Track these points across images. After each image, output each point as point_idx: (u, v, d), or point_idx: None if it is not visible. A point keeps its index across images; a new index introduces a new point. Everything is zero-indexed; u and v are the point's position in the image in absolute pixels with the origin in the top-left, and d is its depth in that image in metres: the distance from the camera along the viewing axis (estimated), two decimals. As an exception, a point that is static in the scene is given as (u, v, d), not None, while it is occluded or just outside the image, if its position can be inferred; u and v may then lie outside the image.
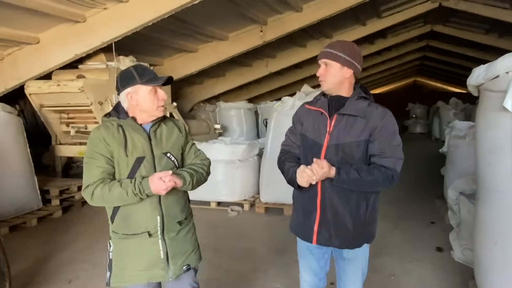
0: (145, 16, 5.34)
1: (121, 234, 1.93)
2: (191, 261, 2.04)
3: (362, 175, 1.85)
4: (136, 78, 1.85)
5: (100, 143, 1.84)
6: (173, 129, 2.02)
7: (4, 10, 4.67)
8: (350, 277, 2.10)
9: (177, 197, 2.00)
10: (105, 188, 1.79)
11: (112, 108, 1.98)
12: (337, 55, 1.91)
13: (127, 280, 1.95)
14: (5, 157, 4.97)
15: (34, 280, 3.53)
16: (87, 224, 5.21)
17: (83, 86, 5.85)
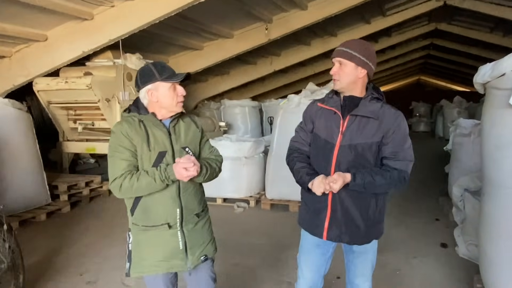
0: (152, 14, 5.38)
1: (141, 226, 1.98)
2: (208, 252, 2.10)
3: (376, 178, 1.89)
4: (156, 76, 1.90)
5: (123, 137, 1.89)
6: (190, 125, 2.08)
7: (13, 7, 4.73)
8: (359, 270, 2.15)
9: (195, 191, 2.06)
10: (133, 178, 1.85)
11: (132, 104, 2.03)
12: (352, 55, 1.91)
13: (147, 270, 2.01)
14: (15, 153, 5.04)
15: (46, 272, 3.60)
16: (95, 219, 5.28)
17: (91, 83, 5.92)
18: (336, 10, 7.51)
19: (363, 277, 2.16)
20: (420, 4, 9.39)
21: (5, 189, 4.72)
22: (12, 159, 4.99)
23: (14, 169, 4.97)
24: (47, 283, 3.41)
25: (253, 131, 10.27)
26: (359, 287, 2.18)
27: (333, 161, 1.95)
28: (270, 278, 3.48)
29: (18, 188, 4.97)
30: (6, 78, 6.03)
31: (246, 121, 10.32)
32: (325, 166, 1.97)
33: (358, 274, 2.16)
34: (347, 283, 2.25)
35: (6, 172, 4.86)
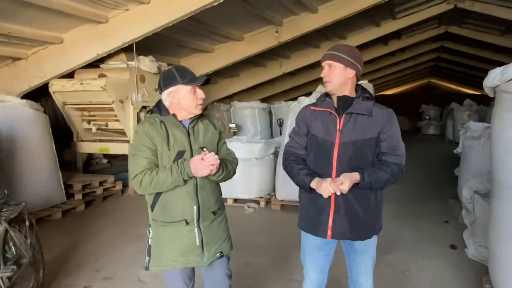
0: (166, 18, 5.50)
1: (160, 221, 2.08)
2: (223, 249, 2.18)
3: (381, 175, 1.99)
4: (177, 79, 2.01)
5: (145, 137, 2.00)
6: (209, 126, 2.18)
7: (30, 11, 4.87)
8: (361, 268, 2.22)
9: (212, 189, 2.14)
10: (152, 174, 1.95)
11: (154, 106, 2.14)
12: (341, 57, 2.01)
13: (164, 264, 2.11)
14: (32, 152, 5.18)
15: (64, 268, 3.72)
16: (108, 218, 5.40)
17: (105, 84, 6.05)
18: (346, 13, 7.56)
19: (366, 275, 2.23)
20: (430, 7, 9.40)
21: (23, 187, 4.85)
22: (30, 158, 5.13)
23: (31, 168, 5.11)
24: (65, 279, 3.52)
25: (263, 132, 10.34)
26: (363, 285, 2.24)
27: (334, 159, 2.03)
28: (280, 276, 3.56)
29: (35, 186, 5.10)
30: (22, 80, 6.19)
31: (255, 123, 10.40)
32: (327, 165, 2.05)
33: (361, 273, 2.22)
34: (350, 283, 2.31)
35: (24, 170, 5.00)
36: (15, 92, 6.01)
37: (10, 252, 2.86)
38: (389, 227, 4.83)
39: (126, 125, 6.58)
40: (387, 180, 2.02)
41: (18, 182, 4.84)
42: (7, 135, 4.90)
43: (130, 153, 2.06)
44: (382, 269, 3.64)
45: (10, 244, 2.86)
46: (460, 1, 8.83)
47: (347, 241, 2.18)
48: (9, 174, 4.81)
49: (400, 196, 6.28)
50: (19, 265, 2.86)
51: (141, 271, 3.64)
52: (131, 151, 2.06)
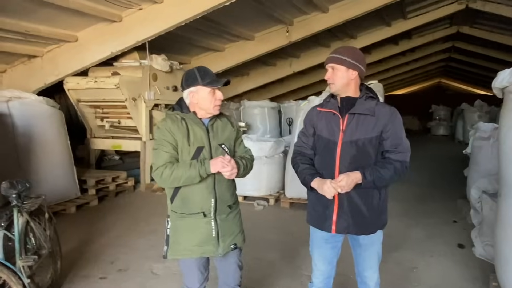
0: (178, 17, 5.60)
1: (179, 213, 2.18)
2: (237, 241, 2.29)
3: (383, 172, 2.07)
4: (198, 80, 2.11)
5: (167, 133, 2.11)
6: (227, 124, 2.28)
7: (46, 10, 4.99)
8: (367, 262, 2.30)
9: (228, 184, 2.25)
10: (172, 167, 2.06)
11: (176, 103, 2.25)
12: (343, 59, 2.10)
13: (181, 253, 2.21)
14: (48, 148, 5.32)
15: (79, 260, 3.84)
16: (121, 213, 5.53)
17: (119, 82, 6.17)
18: (357, 13, 7.58)
19: (371, 269, 2.30)
20: (441, 7, 9.37)
21: (40, 182, 4.97)
22: (46, 154, 5.27)
23: (47, 163, 5.26)
24: (81, 270, 3.64)
25: (272, 131, 10.41)
26: (368, 278, 2.32)
27: (337, 157, 2.11)
28: (289, 271, 3.64)
29: (51, 181, 5.24)
30: (38, 77, 6.32)
31: (265, 122, 10.47)
32: (330, 163, 2.14)
33: (366, 267, 2.31)
34: (357, 276, 2.39)
35: (40, 166, 5.15)
36: (31, 89, 6.15)
37: (30, 243, 2.98)
38: (398, 226, 4.90)
39: (138, 123, 6.71)
40: (390, 178, 2.09)
41: (35, 177, 4.97)
42: (24, 131, 5.04)
43: (153, 147, 2.17)
44: (390, 266, 3.71)
45: (30, 235, 2.99)
46: (471, 1, 8.80)
47: (352, 235, 2.26)
48: (26, 169, 4.96)
49: (410, 196, 6.31)
50: (39, 255, 2.97)
51: (154, 263, 3.75)
52: (153, 146, 2.17)
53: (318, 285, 2.37)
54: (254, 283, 3.44)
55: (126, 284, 3.41)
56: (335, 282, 2.45)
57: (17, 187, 2.81)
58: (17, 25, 5.19)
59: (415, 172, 8.14)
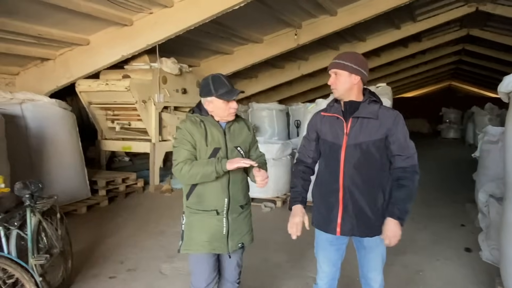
0: (188, 21, 5.68)
1: (194, 209, 2.28)
2: (245, 240, 2.38)
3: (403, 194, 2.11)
4: (212, 91, 2.20)
5: (187, 133, 2.21)
6: (243, 128, 2.37)
7: (59, 14, 5.12)
8: (371, 264, 2.32)
9: (242, 185, 2.35)
10: (191, 164, 2.15)
11: (196, 106, 2.35)
12: (345, 65, 2.13)
13: (194, 248, 2.29)
14: (60, 149, 5.43)
15: (89, 259, 3.92)
16: (131, 214, 5.61)
17: (129, 85, 6.27)
18: (365, 16, 7.60)
19: (376, 271, 2.33)
20: (451, 10, 9.33)
21: (51, 182, 5.08)
22: (58, 156, 5.38)
23: (59, 164, 5.37)
24: (91, 269, 3.71)
25: (280, 134, 10.43)
26: (373, 280, 2.35)
27: (342, 160, 2.15)
28: (296, 273, 3.68)
29: (63, 182, 5.34)
30: (50, 79, 6.47)
31: (273, 124, 10.50)
32: (335, 166, 2.18)
33: (371, 269, 2.33)
34: (361, 277, 2.42)
35: (52, 167, 5.26)
36: (43, 91, 6.28)
37: (42, 242, 3.06)
38: (405, 229, 4.81)
39: (148, 125, 6.80)
40: (410, 192, 2.13)
41: (47, 177, 5.07)
42: (37, 133, 5.16)
43: (173, 145, 2.28)
44: (396, 269, 3.73)
45: (42, 234, 3.07)
46: (482, 4, 8.75)
47: (356, 238, 2.29)
48: (38, 170, 5.07)
49: (418, 199, 6.22)
50: (51, 254, 3.05)
51: (162, 264, 3.81)
52: (174, 144, 2.28)
53: (322, 287, 2.40)
54: (261, 283, 3.49)
55: (134, 283, 3.47)
56: (340, 284, 2.48)
57: (30, 188, 2.90)
58: (31, 28, 5.33)
59: (424, 176, 8.05)
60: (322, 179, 2.29)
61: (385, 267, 3.52)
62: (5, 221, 2.77)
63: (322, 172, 2.29)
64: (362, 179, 2.15)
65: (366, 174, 2.14)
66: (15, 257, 2.70)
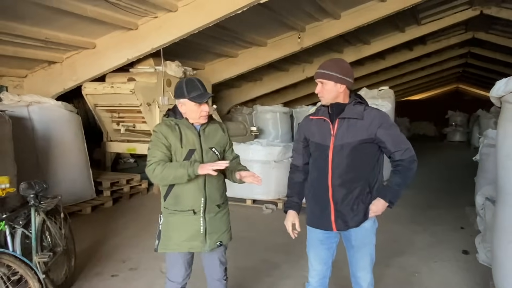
0: (192, 25, 5.77)
1: (171, 210, 2.37)
2: (223, 239, 2.45)
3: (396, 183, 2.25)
4: (185, 94, 2.29)
5: (161, 136, 2.31)
6: (218, 130, 2.47)
7: (66, 18, 5.24)
8: (360, 264, 2.40)
9: (218, 185, 2.43)
10: (164, 165, 2.24)
11: (171, 110, 2.44)
12: (330, 75, 2.21)
13: (171, 248, 2.38)
14: (66, 151, 5.56)
15: (93, 259, 4.02)
16: (134, 214, 5.71)
17: (134, 88, 6.38)
18: (369, 20, 7.64)
19: (364, 270, 2.40)
20: (456, 13, 9.32)
21: (57, 183, 5.21)
22: (64, 157, 5.51)
23: (65, 165, 5.49)
24: (94, 268, 3.81)
25: (284, 136, 10.49)
26: (361, 279, 2.42)
27: (330, 160, 2.24)
28: (294, 273, 3.73)
29: (68, 183, 5.47)
30: (57, 82, 6.60)
31: (277, 127, 10.57)
32: (324, 166, 2.27)
33: (359, 268, 2.41)
34: (351, 276, 2.49)
35: (58, 168, 5.38)
36: (50, 94, 6.42)
37: (46, 241, 3.17)
38: (404, 232, 4.94)
39: (153, 127, 6.88)
40: (404, 180, 2.26)
41: (53, 178, 5.20)
42: (44, 135, 5.28)
43: (148, 147, 2.37)
44: (393, 270, 3.77)
45: (46, 233, 3.17)
46: (486, 7, 8.75)
47: (346, 237, 2.38)
48: (44, 171, 5.20)
49: (419, 202, 6.32)
50: (54, 252, 3.16)
51: (163, 263, 3.86)
52: (149, 146, 2.37)
53: (314, 285, 2.48)
54: (260, 284, 3.55)
55: (136, 282, 3.56)
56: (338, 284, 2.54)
57: (34, 188, 3.00)
58: (38, 32, 5.46)
59: (427, 178, 8.13)
60: (313, 180, 2.38)
61: (382, 269, 3.59)
62: (10, 220, 2.87)
63: (313, 173, 2.38)
64: (349, 177, 2.23)
65: (353, 172, 2.23)
66: (20, 254, 2.80)
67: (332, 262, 2.48)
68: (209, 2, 5.51)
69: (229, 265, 2.65)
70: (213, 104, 8.47)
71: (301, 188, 2.46)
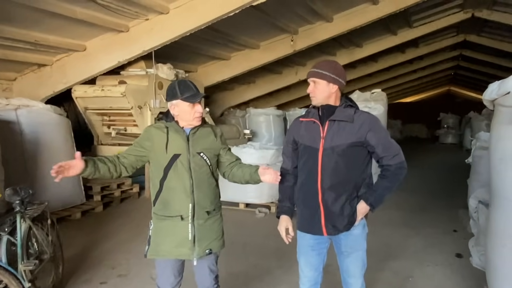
0: (184, 27, 5.72)
1: (160, 215, 2.32)
2: (213, 247, 2.38)
3: (381, 187, 2.23)
4: (178, 94, 2.25)
5: (146, 138, 2.32)
6: (210, 135, 2.41)
7: (56, 20, 5.16)
8: (351, 270, 2.36)
9: (208, 191, 2.36)
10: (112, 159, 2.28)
11: (163, 113, 2.41)
12: (323, 74, 2.19)
13: (160, 254, 2.33)
14: (55, 155, 5.45)
15: (82, 265, 3.94)
16: (125, 219, 5.63)
17: (125, 91, 6.31)
18: (361, 23, 7.65)
19: (355, 276, 2.36)
20: (447, 16, 9.38)
21: (46, 188, 5.12)
22: (53, 161, 5.30)
23: (54, 170, 5.37)
24: (82, 275, 3.73)
25: (277, 139, 10.46)
26: (353, 285, 2.38)
27: (319, 163, 2.20)
28: (286, 278, 3.68)
29: (57, 188, 5.35)
30: (47, 85, 6.50)
31: (270, 129, 10.54)
32: (313, 169, 2.23)
33: (350, 274, 2.37)
34: (343, 282, 2.45)
35: (47, 172, 5.19)
36: (40, 97, 6.32)
37: (32, 248, 3.09)
38: (397, 235, 4.92)
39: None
40: (391, 185, 2.24)
41: (41, 183, 5.11)
42: (32, 139, 5.19)
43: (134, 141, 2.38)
44: (386, 275, 3.74)
45: (33, 240, 3.09)
46: (477, 10, 8.80)
47: (337, 243, 2.35)
48: (32, 175, 5.10)
49: (412, 205, 6.31)
50: (41, 260, 3.08)
51: (153, 269, 3.77)
52: (134, 140, 2.38)
53: (305, 292, 2.42)
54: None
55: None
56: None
57: (20, 194, 2.93)
58: (28, 35, 5.37)
59: (420, 181, 8.14)
60: (302, 183, 2.34)
61: (375, 273, 3.56)
62: (-5, 227, 2.80)
63: (301, 176, 2.34)
64: (339, 180, 2.20)
65: (342, 176, 2.20)
66: (5, 263, 2.72)
67: (323, 268, 2.44)
68: (201, 4, 5.46)
69: (220, 270, 2.59)
70: (206, 106, 8.40)
71: (292, 192, 2.42)
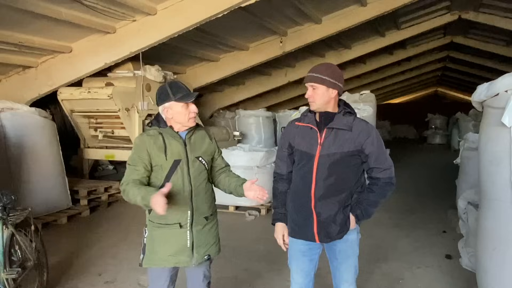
0: (171, 28, 5.66)
1: (156, 223, 2.23)
2: (211, 252, 2.33)
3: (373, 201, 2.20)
4: (170, 96, 2.16)
5: (142, 150, 2.16)
6: (205, 137, 2.35)
7: (40, 21, 5.06)
8: (343, 275, 2.33)
9: (206, 196, 2.30)
10: (132, 188, 2.08)
11: (154, 118, 2.31)
12: (323, 79, 2.12)
13: (157, 263, 2.25)
14: (40, 159, 5.35)
15: (67, 272, 3.84)
16: (112, 224, 5.53)
17: (112, 93, 6.22)
18: (349, 24, 7.68)
19: (347, 283, 2.34)
20: (434, 18, 9.48)
21: (30, 192, 5.01)
22: (37, 165, 5.29)
23: (39, 174, 5.28)
24: (68, 282, 3.64)
25: (267, 141, 10.43)
26: None
27: (314, 170, 2.16)
28: (277, 283, 3.64)
29: (42, 192, 5.25)
30: (32, 87, 6.38)
31: (260, 131, 10.50)
32: (308, 176, 2.19)
33: (342, 280, 2.34)
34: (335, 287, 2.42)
35: (31, 176, 5.17)
36: (25, 99, 6.20)
37: (15, 255, 2.99)
38: (387, 237, 4.91)
39: (132, 133, 6.73)
40: (378, 199, 2.21)
41: (26, 187, 5.00)
42: (16, 142, 5.07)
43: (128, 162, 2.22)
44: (376, 277, 3.73)
45: (16, 247, 3.00)
46: (464, 12, 8.90)
47: (329, 249, 2.31)
48: (17, 180, 4.99)
49: (400, 206, 6.33)
50: (24, 268, 2.98)
51: (141, 275, 3.74)
52: (128, 161, 2.22)
53: (296, 298, 2.38)
54: (241, 294, 3.45)
55: (112, 296, 3.42)
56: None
57: (2, 200, 2.83)
58: (12, 36, 5.26)
59: (408, 181, 8.18)
60: (295, 189, 2.29)
61: (365, 276, 3.54)
62: (-24, 234, 2.71)
63: (295, 181, 2.29)
64: (333, 188, 2.16)
65: (337, 183, 2.16)
66: (-14, 271, 2.64)
67: (314, 274, 2.40)
68: (189, 6, 5.40)
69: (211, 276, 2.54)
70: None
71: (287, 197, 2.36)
